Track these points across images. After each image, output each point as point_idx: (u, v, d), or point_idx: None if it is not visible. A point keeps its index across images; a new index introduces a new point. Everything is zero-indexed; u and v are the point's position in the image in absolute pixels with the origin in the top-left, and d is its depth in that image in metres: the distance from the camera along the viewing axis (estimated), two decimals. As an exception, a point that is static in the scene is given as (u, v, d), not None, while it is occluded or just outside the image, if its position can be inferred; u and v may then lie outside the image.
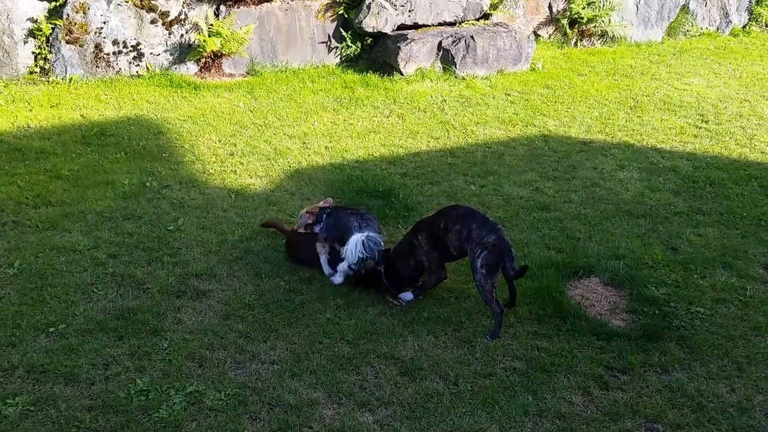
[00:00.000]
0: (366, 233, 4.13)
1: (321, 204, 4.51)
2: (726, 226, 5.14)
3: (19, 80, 6.91)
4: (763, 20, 11.17)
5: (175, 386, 3.35)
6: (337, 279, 4.23)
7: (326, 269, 4.30)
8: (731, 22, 10.95)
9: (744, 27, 11.09)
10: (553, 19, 9.69)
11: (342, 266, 4.18)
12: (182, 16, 7.51)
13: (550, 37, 9.72)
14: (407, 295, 4.11)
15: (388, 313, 3.98)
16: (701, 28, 10.80)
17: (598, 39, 9.78)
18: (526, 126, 6.94)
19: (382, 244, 4.21)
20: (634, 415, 3.32)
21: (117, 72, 7.35)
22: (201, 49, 7.47)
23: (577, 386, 3.48)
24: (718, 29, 10.90)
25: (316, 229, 4.39)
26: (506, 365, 3.60)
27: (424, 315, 3.96)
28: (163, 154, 5.84)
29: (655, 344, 3.80)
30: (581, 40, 9.69)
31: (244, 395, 3.32)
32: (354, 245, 4.07)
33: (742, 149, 6.59)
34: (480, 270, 3.80)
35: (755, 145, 6.69)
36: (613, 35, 9.78)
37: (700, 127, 7.08)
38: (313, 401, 3.29)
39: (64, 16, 7.03)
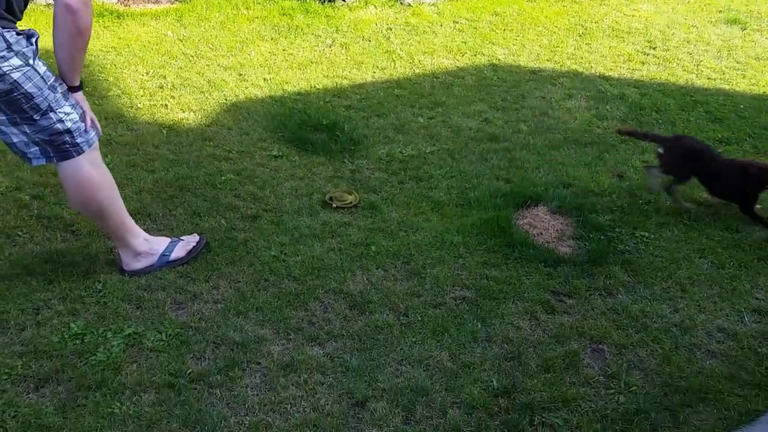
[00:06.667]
0: None
1: None
2: (672, 152, 5.10)
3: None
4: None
5: (112, 329, 3.19)
6: None
7: None
8: (678, -53, 10.80)
9: (690, -48, 10.96)
10: (499, -56, 9.41)
11: None
12: (109, -57, 7.08)
13: (496, -36, 9.46)
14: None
15: (335, 248, 3.86)
16: (649, -47, 10.64)
17: (546, -35, 9.55)
18: (475, 55, 6.78)
19: None
20: (580, 336, 3.31)
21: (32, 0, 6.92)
22: (126, -24, 7.08)
23: (525, 311, 3.44)
24: (664, -46, 10.75)
25: None
26: (456, 295, 3.54)
27: (373, 249, 3.85)
28: (86, 88, 5.42)
29: (600, 269, 3.78)
30: (528, -33, 9.45)
31: (186, 335, 3.18)
32: None
33: (689, 75, 6.56)
34: None
35: (702, 71, 6.67)
36: (561, -39, 9.56)
37: (648, 54, 7.03)
38: (260, 338, 3.18)
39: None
